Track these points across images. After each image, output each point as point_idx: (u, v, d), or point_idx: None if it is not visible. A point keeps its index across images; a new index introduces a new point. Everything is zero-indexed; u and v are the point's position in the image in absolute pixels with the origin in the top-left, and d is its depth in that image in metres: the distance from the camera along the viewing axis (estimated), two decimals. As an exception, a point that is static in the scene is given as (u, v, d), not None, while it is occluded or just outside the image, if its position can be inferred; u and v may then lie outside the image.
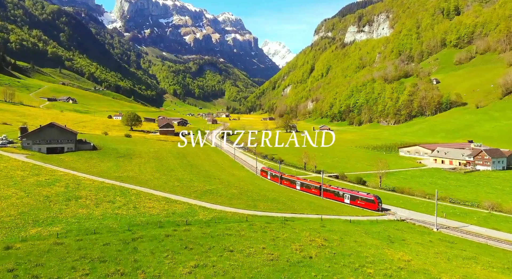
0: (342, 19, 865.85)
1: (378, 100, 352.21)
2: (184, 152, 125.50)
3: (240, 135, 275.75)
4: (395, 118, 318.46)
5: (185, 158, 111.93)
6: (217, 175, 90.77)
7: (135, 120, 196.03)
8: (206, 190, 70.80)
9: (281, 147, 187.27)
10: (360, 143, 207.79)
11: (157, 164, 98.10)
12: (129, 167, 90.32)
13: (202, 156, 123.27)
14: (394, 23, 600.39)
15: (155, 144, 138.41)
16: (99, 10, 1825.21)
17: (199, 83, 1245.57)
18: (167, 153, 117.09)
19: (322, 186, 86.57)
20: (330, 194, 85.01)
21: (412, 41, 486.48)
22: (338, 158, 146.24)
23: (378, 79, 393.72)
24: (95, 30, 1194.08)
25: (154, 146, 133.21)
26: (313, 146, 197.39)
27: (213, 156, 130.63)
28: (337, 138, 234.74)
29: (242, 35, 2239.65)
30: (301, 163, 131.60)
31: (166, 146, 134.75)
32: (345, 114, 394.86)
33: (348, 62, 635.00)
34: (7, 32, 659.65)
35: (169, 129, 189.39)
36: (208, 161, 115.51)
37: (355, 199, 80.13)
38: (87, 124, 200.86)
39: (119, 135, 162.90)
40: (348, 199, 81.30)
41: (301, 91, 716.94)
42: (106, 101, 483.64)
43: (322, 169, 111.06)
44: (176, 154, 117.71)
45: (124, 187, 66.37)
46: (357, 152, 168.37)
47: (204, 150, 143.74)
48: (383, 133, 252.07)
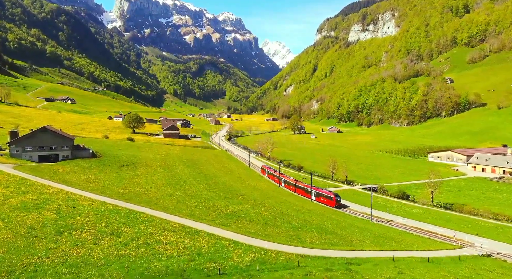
0: (345, 18, 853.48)
1: (389, 100, 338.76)
2: (194, 158, 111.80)
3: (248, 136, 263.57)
4: (408, 119, 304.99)
5: (197, 167, 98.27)
6: (238, 189, 77.24)
7: (137, 122, 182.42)
8: (231, 212, 57.27)
9: (295, 151, 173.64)
10: (378, 146, 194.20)
11: (167, 174, 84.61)
12: (134, 179, 76.75)
13: (215, 164, 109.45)
14: (401, 22, 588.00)
15: (161, 149, 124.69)
16: (98, 9, 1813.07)
17: (199, 83, 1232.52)
18: (176, 160, 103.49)
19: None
20: (301, 191, 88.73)
21: (420, 39, 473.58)
22: (364, 165, 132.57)
23: (387, 78, 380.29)
24: (95, 30, 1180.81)
25: (160, 151, 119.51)
26: (327, 149, 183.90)
27: (226, 162, 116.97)
28: (352, 141, 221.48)
29: (242, 35, 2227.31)
30: (323, 170, 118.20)
31: (173, 151, 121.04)
32: (353, 115, 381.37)
33: (353, 62, 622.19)
34: (5, 31, 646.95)
35: (174, 132, 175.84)
36: (222, 169, 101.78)
37: (319, 196, 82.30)
38: (86, 126, 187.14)
39: (121, 139, 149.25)
40: (314, 195, 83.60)
41: (304, 91, 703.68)
42: (105, 102, 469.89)
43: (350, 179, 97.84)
44: (186, 161, 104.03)
45: (130, 210, 52.78)
46: (381, 157, 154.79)
47: (215, 155, 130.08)
48: (399, 135, 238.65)
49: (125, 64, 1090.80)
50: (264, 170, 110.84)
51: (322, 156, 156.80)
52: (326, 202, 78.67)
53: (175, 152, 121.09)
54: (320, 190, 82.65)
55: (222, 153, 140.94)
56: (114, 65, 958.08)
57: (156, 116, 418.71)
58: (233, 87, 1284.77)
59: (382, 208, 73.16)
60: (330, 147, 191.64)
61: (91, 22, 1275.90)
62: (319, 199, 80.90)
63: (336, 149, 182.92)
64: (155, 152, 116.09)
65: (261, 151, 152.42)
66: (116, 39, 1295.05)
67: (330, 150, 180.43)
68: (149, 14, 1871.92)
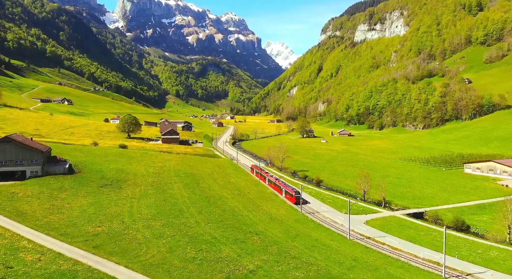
0: (350, 17, 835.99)
1: (403, 102, 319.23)
2: (194, 171, 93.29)
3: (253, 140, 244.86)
4: (424, 122, 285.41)
5: (197, 184, 79.62)
6: (251, 221, 58.18)
7: (133, 126, 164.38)
8: (245, 272, 38.50)
9: (308, 159, 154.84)
10: (400, 153, 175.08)
11: (158, 197, 66.42)
12: (115, 207, 58.63)
13: (219, 178, 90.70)
14: (410, 21, 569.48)
15: (156, 159, 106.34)
16: (100, 9, 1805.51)
17: (202, 84, 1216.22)
18: (172, 175, 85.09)
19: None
20: (276, 187, 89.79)
21: (432, 38, 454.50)
22: (393, 178, 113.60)
23: (400, 79, 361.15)
24: (96, 30, 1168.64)
25: (154, 162, 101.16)
26: (344, 157, 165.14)
27: (232, 176, 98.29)
28: (369, 147, 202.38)
29: (245, 35, 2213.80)
30: (347, 185, 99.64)
31: (170, 162, 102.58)
32: (363, 117, 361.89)
33: (360, 62, 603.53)
34: (4, 31, 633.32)
35: (173, 137, 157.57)
36: (228, 187, 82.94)
37: (285, 193, 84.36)
38: (76, 130, 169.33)
39: (113, 145, 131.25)
40: (284, 192, 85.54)
41: (309, 92, 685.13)
42: (105, 102, 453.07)
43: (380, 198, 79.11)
44: (185, 176, 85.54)
45: (94, 270, 34.41)
46: (408, 167, 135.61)
47: (219, 166, 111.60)
48: (419, 140, 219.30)
49: (127, 64, 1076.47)
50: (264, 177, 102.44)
51: (342, 165, 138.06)
52: (289, 198, 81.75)
53: (173, 162, 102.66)
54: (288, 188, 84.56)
55: (227, 163, 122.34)
56: (116, 66, 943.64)
57: (157, 118, 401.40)
58: (236, 88, 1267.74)
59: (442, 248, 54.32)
60: (346, 154, 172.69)
61: (93, 22, 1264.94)
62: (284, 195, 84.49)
63: (354, 157, 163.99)
64: (149, 163, 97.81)
65: (272, 159, 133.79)
66: (118, 39, 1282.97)
67: (347, 157, 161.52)
68: (152, 15, 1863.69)
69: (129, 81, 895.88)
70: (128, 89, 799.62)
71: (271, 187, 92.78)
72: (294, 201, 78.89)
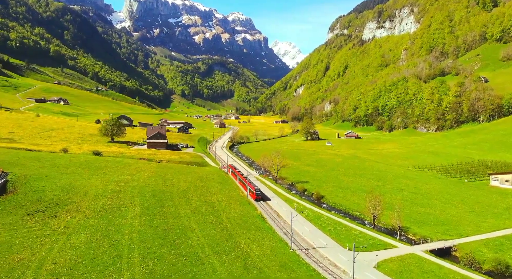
0: (359, 15, 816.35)
1: (414, 102, 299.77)
2: (166, 188, 76.74)
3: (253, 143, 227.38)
4: (437, 124, 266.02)
5: (162, 208, 62.21)
6: (214, 277, 40.93)
7: (116, 128, 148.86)
8: None
9: (310, 166, 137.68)
10: (413, 159, 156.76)
11: (98, 232, 49.75)
12: (24, 251, 42.43)
13: (195, 197, 73.83)
14: (421, 17, 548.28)
15: (127, 170, 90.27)
16: (107, 9, 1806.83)
17: (207, 84, 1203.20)
18: (134, 195, 68.58)
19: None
20: (244, 186, 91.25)
21: (444, 35, 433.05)
22: (408, 193, 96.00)
23: (410, 77, 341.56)
24: (102, 29, 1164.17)
25: (123, 174, 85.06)
26: (350, 163, 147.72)
27: (214, 192, 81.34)
28: (378, 151, 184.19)
29: (252, 35, 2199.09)
30: (353, 203, 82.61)
31: (142, 175, 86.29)
32: (372, 118, 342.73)
33: (368, 60, 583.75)
34: (8, 30, 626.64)
35: (160, 141, 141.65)
36: (202, 210, 65.21)
37: (249, 191, 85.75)
38: (55, 133, 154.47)
39: (86, 151, 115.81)
40: (248, 190, 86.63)
41: (315, 91, 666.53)
42: (104, 102, 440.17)
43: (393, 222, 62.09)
44: (150, 195, 68.99)
45: None
46: (425, 178, 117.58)
47: (202, 177, 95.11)
48: (433, 144, 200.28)
49: (132, 64, 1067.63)
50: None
51: (347, 175, 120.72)
52: (251, 195, 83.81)
53: (145, 175, 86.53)
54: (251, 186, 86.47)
55: (213, 173, 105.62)
56: (121, 65, 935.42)
57: (157, 118, 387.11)
58: (242, 87, 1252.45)
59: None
60: (353, 161, 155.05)
61: (99, 22, 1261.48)
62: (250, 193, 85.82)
63: (361, 164, 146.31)
64: (114, 176, 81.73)
65: (267, 168, 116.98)
66: (124, 39, 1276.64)
67: (354, 165, 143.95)
68: (159, 14, 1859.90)
69: (134, 81, 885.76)
70: (132, 89, 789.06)
71: (241, 186, 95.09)
72: (254, 198, 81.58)
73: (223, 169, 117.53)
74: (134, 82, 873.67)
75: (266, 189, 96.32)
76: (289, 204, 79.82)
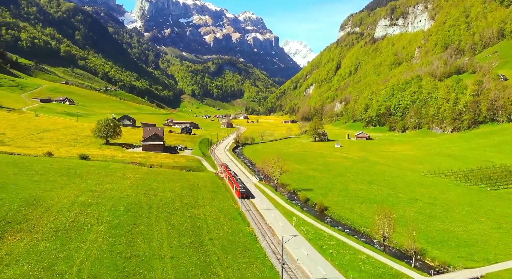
0: (371, 13, 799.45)
1: (429, 101, 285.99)
2: (147, 199, 67.71)
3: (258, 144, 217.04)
4: (453, 124, 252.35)
5: (133, 227, 51.85)
6: None
7: (112, 130, 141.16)
8: None
9: (316, 171, 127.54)
10: (428, 163, 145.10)
11: (41, 261, 40.11)
12: None
13: (179, 211, 64.47)
14: (435, 14, 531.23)
15: (110, 178, 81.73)
16: (119, 10, 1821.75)
17: (217, 84, 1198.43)
18: (105, 209, 59.17)
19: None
20: (231, 183, 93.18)
21: (460, 32, 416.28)
22: (423, 203, 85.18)
23: (424, 76, 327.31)
24: (113, 29, 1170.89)
25: (102, 182, 76.51)
26: (359, 168, 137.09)
27: (203, 203, 71.76)
28: (390, 154, 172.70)
29: (263, 34, 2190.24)
30: (361, 218, 72.47)
31: (123, 183, 77.50)
32: (384, 118, 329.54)
33: (380, 59, 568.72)
34: (19, 30, 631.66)
35: (155, 144, 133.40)
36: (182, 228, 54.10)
37: (235, 189, 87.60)
38: (49, 135, 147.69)
39: (74, 155, 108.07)
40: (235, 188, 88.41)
41: (326, 91, 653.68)
42: (111, 102, 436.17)
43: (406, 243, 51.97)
44: (124, 209, 59.51)
45: None
46: (442, 186, 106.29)
47: (193, 185, 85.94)
48: (450, 146, 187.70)
49: (143, 64, 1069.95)
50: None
51: (356, 181, 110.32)
52: (236, 193, 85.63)
53: (128, 183, 77.99)
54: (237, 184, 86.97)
55: (207, 180, 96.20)
56: (131, 66, 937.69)
57: (163, 118, 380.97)
58: (252, 87, 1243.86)
59: None
60: (363, 164, 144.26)
61: (110, 22, 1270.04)
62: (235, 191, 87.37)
63: (372, 168, 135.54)
64: (91, 185, 73.30)
65: (267, 173, 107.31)
66: (135, 39, 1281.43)
67: (364, 169, 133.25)
68: (170, 14, 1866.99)
69: (144, 81, 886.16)
70: (142, 89, 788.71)
71: (229, 184, 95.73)
72: (239, 195, 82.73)
73: (219, 174, 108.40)
74: (144, 82, 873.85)
75: (263, 198, 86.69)
76: (287, 218, 70.08)
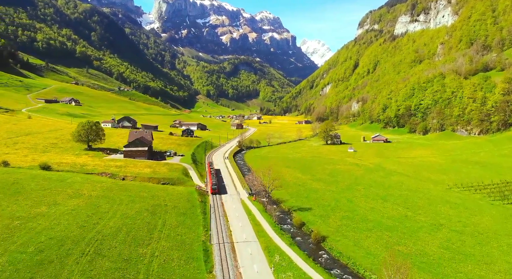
0: (390, 9, 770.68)
1: (453, 101, 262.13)
2: (74, 234, 51.68)
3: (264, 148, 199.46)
4: (481, 126, 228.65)
5: None
6: None
7: (93, 133, 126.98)
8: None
9: (320, 182, 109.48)
10: (452, 172, 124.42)
11: None
12: None
13: (117, 249, 48.74)
14: (459, 9, 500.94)
15: (56, 196, 66.35)
16: (137, 11, 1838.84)
17: (233, 84, 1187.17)
18: (11, 250, 43.82)
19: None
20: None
21: (487, 27, 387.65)
22: (449, 230, 66.12)
23: (448, 73, 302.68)
24: (130, 30, 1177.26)
25: (39, 203, 60.99)
26: (372, 178, 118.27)
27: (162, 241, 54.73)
28: (409, 161, 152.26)
29: (280, 33, 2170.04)
30: (367, 253, 54.92)
31: (69, 203, 61.62)
32: (404, 119, 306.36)
33: (400, 56, 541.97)
34: (35, 31, 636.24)
35: (139, 149, 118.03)
36: None
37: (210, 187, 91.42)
38: (27, 139, 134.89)
39: (33, 165, 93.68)
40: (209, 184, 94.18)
41: (343, 90, 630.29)
42: (120, 103, 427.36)
43: None
44: (33, 253, 41.17)
45: None
46: (470, 202, 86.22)
47: (158, 207, 69.23)
48: (477, 151, 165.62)
49: (159, 65, 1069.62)
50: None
51: (367, 197, 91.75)
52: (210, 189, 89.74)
53: (74, 203, 62.42)
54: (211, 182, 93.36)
55: (182, 198, 78.32)
56: (147, 66, 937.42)
57: (172, 119, 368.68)
58: (267, 87, 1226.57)
59: None
60: (377, 174, 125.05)
61: (128, 23, 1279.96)
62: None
63: (387, 179, 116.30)
64: (17, 209, 57.98)
65: (257, 188, 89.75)
66: (152, 40, 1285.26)
67: (378, 180, 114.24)
68: (187, 15, 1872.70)
69: (159, 81, 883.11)
70: (156, 89, 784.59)
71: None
72: (212, 192, 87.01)
73: (202, 188, 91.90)
74: (159, 82, 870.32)
75: (246, 221, 69.14)
76: (268, 257, 52.87)
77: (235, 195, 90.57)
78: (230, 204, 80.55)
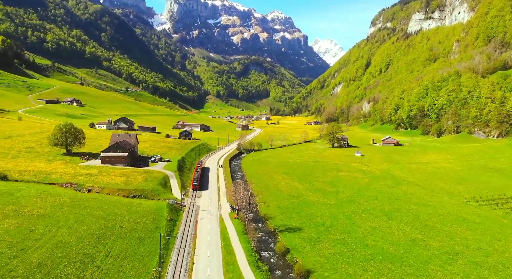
0: (403, 7, 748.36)
1: (469, 101, 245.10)
2: None
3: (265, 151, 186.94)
4: (500, 128, 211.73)
5: None
6: None
7: (72, 137, 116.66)
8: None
9: (318, 193, 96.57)
10: (470, 181, 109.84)
11: None
12: None
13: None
14: (476, 5, 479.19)
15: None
16: (149, 12, 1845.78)
17: (243, 84, 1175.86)
18: None
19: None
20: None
21: (506, 23, 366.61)
22: (468, 262, 53.05)
23: (464, 72, 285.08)
24: (141, 31, 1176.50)
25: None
26: (377, 188, 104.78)
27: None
28: (421, 168, 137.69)
29: (291, 33, 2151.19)
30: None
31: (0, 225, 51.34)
32: (416, 120, 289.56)
33: (414, 55, 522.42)
34: (45, 32, 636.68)
35: (117, 155, 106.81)
36: None
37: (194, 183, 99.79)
38: (5, 143, 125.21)
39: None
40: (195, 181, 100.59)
41: (354, 90, 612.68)
42: (124, 103, 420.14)
43: None
44: None
45: None
46: (491, 221, 71.93)
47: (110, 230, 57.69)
48: (497, 156, 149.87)
49: (169, 65, 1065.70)
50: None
51: (369, 214, 78.55)
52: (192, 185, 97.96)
53: (3, 227, 51.58)
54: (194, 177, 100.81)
55: (146, 216, 65.17)
56: (157, 67, 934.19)
57: (175, 120, 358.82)
58: (278, 87, 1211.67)
59: None
60: (384, 182, 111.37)
61: (139, 24, 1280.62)
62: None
63: (395, 189, 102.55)
64: None
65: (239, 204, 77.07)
66: (163, 40, 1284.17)
67: (384, 190, 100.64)
68: (198, 16, 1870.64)
69: (169, 82, 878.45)
70: (166, 90, 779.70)
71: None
72: (193, 188, 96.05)
73: (179, 201, 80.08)
74: (169, 83, 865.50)
75: (217, 249, 57.00)
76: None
77: (215, 210, 78.55)
78: (205, 223, 68.57)
